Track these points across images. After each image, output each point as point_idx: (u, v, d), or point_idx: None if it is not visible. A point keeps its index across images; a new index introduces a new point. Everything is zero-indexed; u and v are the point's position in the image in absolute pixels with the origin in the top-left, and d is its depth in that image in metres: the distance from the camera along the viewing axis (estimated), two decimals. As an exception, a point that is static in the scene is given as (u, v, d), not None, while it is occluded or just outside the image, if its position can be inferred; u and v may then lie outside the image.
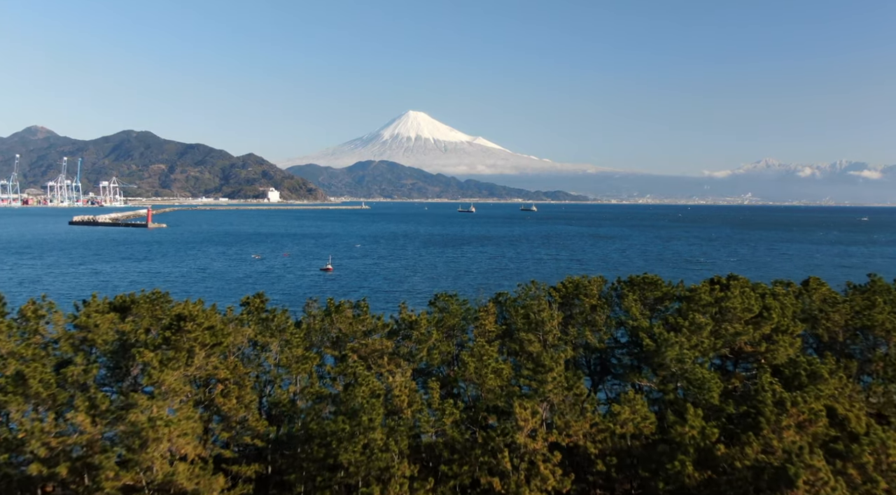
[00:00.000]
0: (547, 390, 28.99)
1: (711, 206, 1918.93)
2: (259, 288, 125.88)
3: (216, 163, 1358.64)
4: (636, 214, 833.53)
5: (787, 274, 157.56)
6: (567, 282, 38.36)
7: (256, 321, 32.95)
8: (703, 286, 37.36)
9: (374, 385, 28.22)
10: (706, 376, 30.69)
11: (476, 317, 36.25)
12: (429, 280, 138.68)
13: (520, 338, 34.34)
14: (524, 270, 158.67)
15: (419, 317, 34.16)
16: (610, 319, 36.89)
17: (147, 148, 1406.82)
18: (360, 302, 36.00)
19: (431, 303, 37.05)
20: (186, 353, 27.76)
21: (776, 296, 37.54)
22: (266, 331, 31.79)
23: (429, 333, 33.45)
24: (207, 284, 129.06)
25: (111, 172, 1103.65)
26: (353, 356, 31.92)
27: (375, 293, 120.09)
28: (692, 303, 36.35)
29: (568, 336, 35.69)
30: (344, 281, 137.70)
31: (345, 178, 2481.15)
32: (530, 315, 35.58)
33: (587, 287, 37.75)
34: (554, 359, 29.76)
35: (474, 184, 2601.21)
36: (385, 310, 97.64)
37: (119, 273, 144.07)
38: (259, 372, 31.25)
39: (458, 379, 32.00)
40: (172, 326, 28.48)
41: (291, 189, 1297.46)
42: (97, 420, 25.36)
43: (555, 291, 38.00)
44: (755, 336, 34.32)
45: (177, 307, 31.34)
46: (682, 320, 34.05)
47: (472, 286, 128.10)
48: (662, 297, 37.97)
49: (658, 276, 38.49)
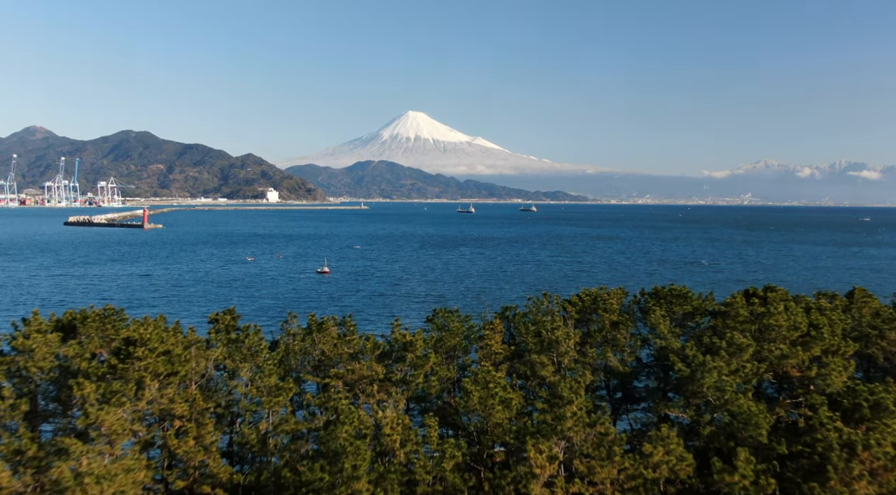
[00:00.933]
0: (566, 427, 24.32)
1: (711, 207, 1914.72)
2: (251, 291, 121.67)
3: (215, 163, 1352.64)
4: (636, 215, 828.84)
5: (794, 276, 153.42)
6: (584, 294, 33.68)
7: (225, 342, 28.24)
8: (738, 299, 32.67)
9: (360, 421, 23.58)
10: (752, 409, 26.03)
11: (480, 336, 31.52)
12: (427, 283, 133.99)
13: (531, 361, 29.77)
14: (525, 273, 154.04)
15: (414, 336, 29.44)
16: (634, 338, 32.22)
17: (146, 148, 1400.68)
18: (345, 318, 31.30)
19: (429, 320, 32.33)
20: (135, 385, 23.18)
21: (822, 310, 32.88)
22: (236, 353, 27.18)
23: (426, 356, 28.75)
24: (196, 288, 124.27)
25: (110, 172, 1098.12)
26: (338, 383, 27.38)
27: (371, 297, 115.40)
28: (728, 319, 31.72)
29: (586, 358, 31.06)
30: (340, 284, 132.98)
31: (344, 179, 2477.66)
32: (543, 333, 30.98)
33: (606, 300, 33.08)
34: (573, 390, 25.10)
35: (474, 184, 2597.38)
36: (379, 318, 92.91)
37: (105, 276, 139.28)
38: (226, 402, 26.68)
39: (461, 411, 27.39)
40: (120, 352, 23.87)
41: (290, 189, 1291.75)
42: (22, 469, 20.72)
43: (570, 305, 33.24)
44: (804, 358, 29.71)
45: (131, 326, 26.56)
46: (720, 340, 29.43)
47: (472, 290, 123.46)
48: (693, 312, 33.27)
49: (686, 288, 33.82)
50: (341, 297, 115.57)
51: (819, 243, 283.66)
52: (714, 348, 29.31)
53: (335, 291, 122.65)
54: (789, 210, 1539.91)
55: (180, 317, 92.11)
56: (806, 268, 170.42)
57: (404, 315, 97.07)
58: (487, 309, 34.21)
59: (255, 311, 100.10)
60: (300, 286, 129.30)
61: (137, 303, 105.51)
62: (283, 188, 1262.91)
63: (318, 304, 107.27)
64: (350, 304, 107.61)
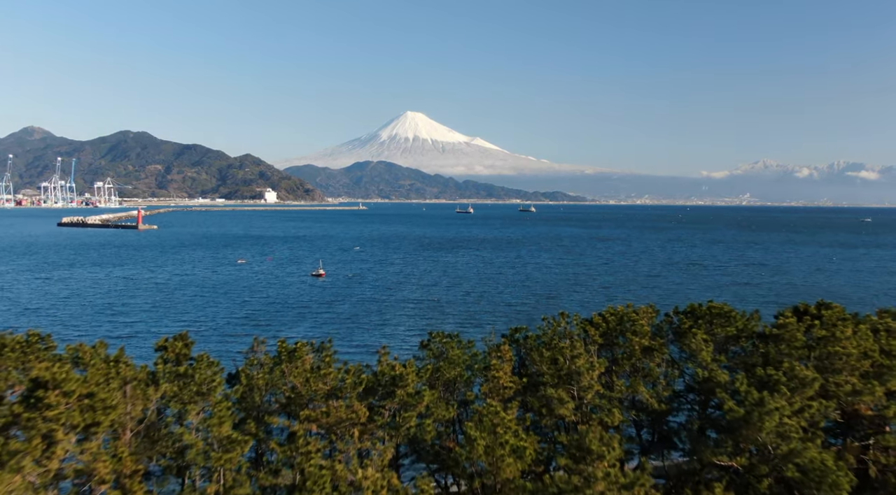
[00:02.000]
0: (596, 492, 19.05)
1: (711, 207, 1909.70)
2: (240, 296, 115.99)
3: (213, 163, 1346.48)
4: (635, 215, 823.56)
5: (805, 279, 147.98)
6: (608, 314, 28.34)
7: (171, 377, 22.90)
8: (792, 321, 27.44)
9: (333, 485, 18.29)
10: (828, 463, 20.75)
11: (486, 366, 26.07)
12: (424, 288, 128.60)
13: (547, 396, 24.55)
14: (525, 276, 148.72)
15: (406, 367, 24.08)
16: (670, 367, 26.93)
17: (144, 148, 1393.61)
18: (324, 343, 25.99)
19: (424, 346, 26.94)
20: (43, 441, 17.95)
21: (893, 333, 27.67)
22: (185, 391, 21.98)
23: (419, 393, 23.37)
24: (180, 293, 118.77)
25: (107, 173, 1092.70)
26: (311, 427, 22.16)
27: (365, 303, 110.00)
28: (781, 343, 26.47)
29: (613, 392, 25.83)
30: (334, 288, 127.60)
31: (342, 179, 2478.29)
32: (560, 360, 25.75)
33: (635, 321, 27.77)
34: (605, 441, 19.83)
35: (472, 184, 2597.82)
36: (373, 327, 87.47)
37: (90, 280, 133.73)
38: (175, 450, 21.45)
39: (462, 461, 22.13)
40: (27, 399, 18.63)
41: (289, 189, 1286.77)
42: None
43: (591, 327, 27.84)
44: (878, 393, 24.51)
45: (44, 363, 21.18)
46: (777, 373, 24.20)
47: (472, 295, 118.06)
48: (737, 335, 27.98)
49: (728, 306, 28.54)
50: (333, 302, 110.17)
51: (824, 244, 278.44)
52: (771, 382, 24.02)
53: (328, 296, 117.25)
54: (789, 210, 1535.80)
55: (155, 327, 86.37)
56: (816, 271, 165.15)
57: (399, 323, 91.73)
58: (493, 331, 28.82)
59: (241, 320, 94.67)
60: (292, 290, 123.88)
61: (113, 310, 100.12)
62: (281, 188, 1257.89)
63: (309, 311, 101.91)
64: (343, 310, 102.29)
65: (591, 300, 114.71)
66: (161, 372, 23.21)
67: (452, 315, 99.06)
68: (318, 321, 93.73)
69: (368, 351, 75.18)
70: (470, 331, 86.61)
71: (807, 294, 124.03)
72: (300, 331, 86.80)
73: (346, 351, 74.79)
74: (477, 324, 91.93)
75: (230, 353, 74.56)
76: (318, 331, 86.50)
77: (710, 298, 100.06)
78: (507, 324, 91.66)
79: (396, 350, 74.50)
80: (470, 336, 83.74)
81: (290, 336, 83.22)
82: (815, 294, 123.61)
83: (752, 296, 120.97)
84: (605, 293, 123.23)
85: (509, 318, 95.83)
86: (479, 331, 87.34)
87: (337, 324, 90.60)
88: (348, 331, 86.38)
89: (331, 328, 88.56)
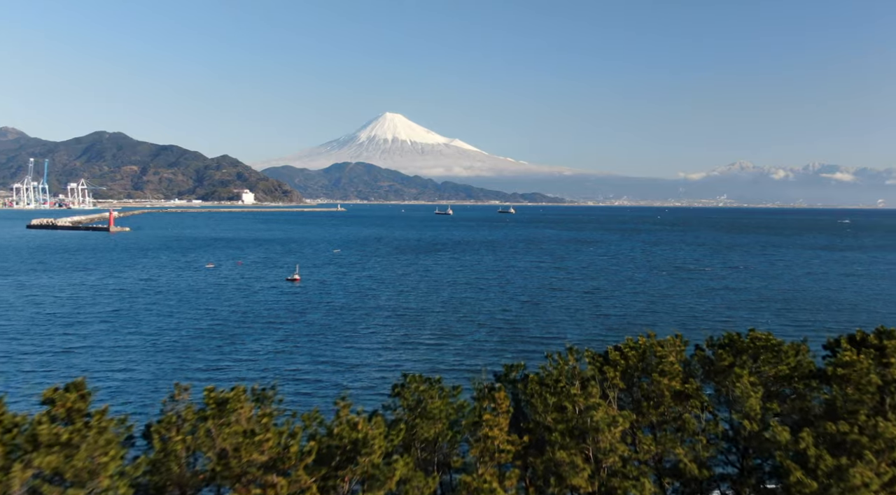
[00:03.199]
0: None
1: (688, 209, 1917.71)
2: (205, 303, 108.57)
3: (190, 164, 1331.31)
4: (615, 217, 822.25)
5: (794, 284, 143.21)
6: (628, 348, 22.50)
7: (53, 442, 16.94)
8: (858, 358, 21.93)
9: None
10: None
11: (475, 422, 20.10)
12: (402, 294, 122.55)
13: (554, 461, 18.92)
14: (507, 282, 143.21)
15: (372, 425, 18.22)
16: (707, 422, 21.24)
17: (119, 149, 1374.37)
18: (265, 390, 19.95)
19: (396, 393, 20.84)
20: None
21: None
22: (66, 466, 16.12)
23: (389, 465, 17.48)
24: (142, 301, 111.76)
25: (82, 174, 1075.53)
26: (243, 511, 16.38)
27: (338, 311, 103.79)
28: (846, 384, 20.94)
29: (639, 453, 20.22)
30: (308, 294, 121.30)
31: (321, 180, 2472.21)
32: (570, 408, 20.11)
33: (663, 356, 22.07)
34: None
35: (451, 185, 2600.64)
36: (345, 339, 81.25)
37: (48, 286, 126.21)
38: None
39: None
40: None
41: (266, 191, 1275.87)
42: None
43: (609, 367, 21.97)
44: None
45: None
46: (853, 429, 18.71)
47: (451, 303, 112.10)
48: (790, 375, 22.37)
49: (772, 336, 22.99)
50: (305, 311, 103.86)
51: (807, 247, 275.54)
52: (846, 442, 18.46)
53: (300, 303, 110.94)
54: (766, 212, 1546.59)
55: (109, 340, 78.70)
56: (805, 276, 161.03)
57: (374, 334, 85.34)
58: (484, 371, 23.00)
59: (204, 330, 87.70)
60: (263, 297, 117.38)
61: (68, 320, 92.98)
62: (258, 190, 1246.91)
63: (279, 320, 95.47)
64: (314, 320, 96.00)
65: (574, 306, 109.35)
66: (44, 436, 17.18)
67: (431, 325, 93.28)
68: (287, 333, 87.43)
69: (339, 368, 69.07)
70: (450, 344, 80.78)
71: (801, 299, 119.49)
72: (266, 343, 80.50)
73: (314, 369, 68.69)
74: (456, 335, 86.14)
75: (189, 370, 68.27)
76: (285, 344, 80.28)
77: (704, 308, 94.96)
78: (488, 335, 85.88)
79: (369, 370, 68.32)
80: (450, 348, 77.90)
81: (255, 349, 77.00)
82: (808, 300, 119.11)
83: (744, 301, 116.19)
84: (589, 299, 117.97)
85: (491, 329, 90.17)
86: (459, 342, 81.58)
87: (306, 337, 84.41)
88: (317, 345, 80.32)
89: (300, 340, 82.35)
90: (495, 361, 72.09)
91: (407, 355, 75.19)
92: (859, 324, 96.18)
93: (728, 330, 25.94)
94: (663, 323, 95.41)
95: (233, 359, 71.88)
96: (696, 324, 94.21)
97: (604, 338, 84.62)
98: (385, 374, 66.90)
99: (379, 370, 69.03)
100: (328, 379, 65.06)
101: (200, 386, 20.43)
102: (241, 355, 73.93)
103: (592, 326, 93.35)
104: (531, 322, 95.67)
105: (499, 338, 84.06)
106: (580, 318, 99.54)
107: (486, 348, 78.58)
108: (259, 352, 76.06)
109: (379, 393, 59.77)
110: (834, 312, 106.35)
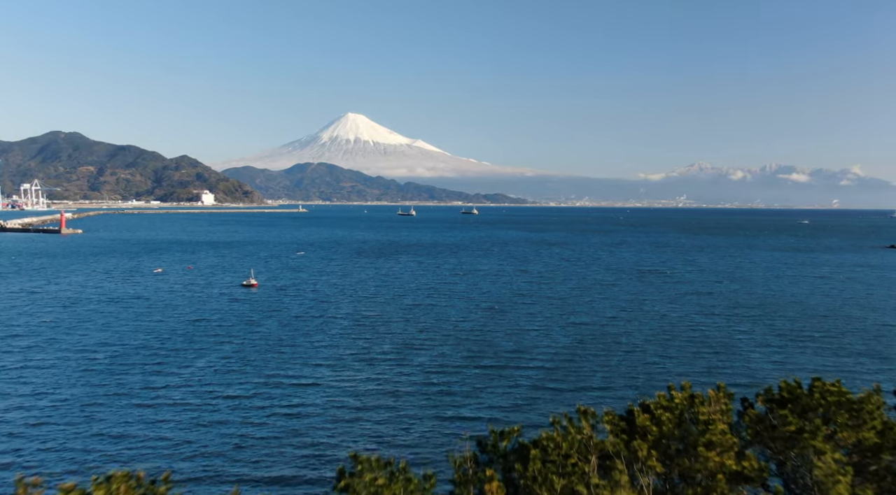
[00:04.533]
0: None
1: (649, 209, 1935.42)
2: (148, 313, 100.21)
3: (148, 164, 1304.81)
4: (577, 218, 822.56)
5: (768, 287, 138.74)
6: (659, 409, 16.42)
7: None
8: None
9: None
10: None
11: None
12: (361, 301, 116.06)
13: None
14: (472, 286, 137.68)
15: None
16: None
17: (76, 149, 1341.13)
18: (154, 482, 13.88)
19: (342, 488, 14.41)
20: None
21: None
22: None
23: None
24: (77, 310, 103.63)
25: (37, 174, 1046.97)
26: None
27: (295, 321, 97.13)
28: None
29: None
30: (264, 302, 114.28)
31: (283, 181, 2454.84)
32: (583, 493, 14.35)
33: (709, 422, 16.20)
34: None
35: (414, 186, 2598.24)
36: (302, 351, 74.73)
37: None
38: None
39: None
40: None
41: (227, 192, 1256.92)
42: None
43: (640, 441, 15.84)
44: None
45: None
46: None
47: (415, 310, 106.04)
48: (880, 444, 16.62)
49: (841, 385, 17.48)
50: (260, 321, 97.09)
51: (772, 248, 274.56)
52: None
53: (254, 312, 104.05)
54: (726, 212, 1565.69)
55: (39, 355, 69.71)
56: (775, 278, 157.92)
57: (332, 348, 78.73)
58: (466, 437, 16.93)
59: (145, 343, 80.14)
60: (215, 305, 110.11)
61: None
62: (219, 190, 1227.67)
63: (229, 332, 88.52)
64: (268, 332, 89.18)
65: (543, 313, 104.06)
66: None
67: (393, 336, 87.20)
68: (235, 347, 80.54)
69: (287, 393, 62.53)
70: (414, 359, 74.67)
71: (775, 304, 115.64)
72: (212, 359, 73.65)
73: (261, 393, 62.08)
74: (421, 348, 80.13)
75: (131, 391, 61.38)
76: (231, 362, 73.51)
77: (697, 320, 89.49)
78: (454, 349, 79.77)
79: (322, 395, 61.29)
80: (414, 365, 71.62)
81: (199, 366, 70.18)
82: (782, 304, 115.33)
83: (718, 307, 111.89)
84: (558, 305, 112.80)
85: (457, 340, 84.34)
86: (424, 357, 75.54)
87: (256, 353, 77.62)
88: (268, 363, 73.72)
89: (249, 355, 75.71)
90: (467, 383, 66.27)
91: (366, 373, 69.00)
92: (842, 332, 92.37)
93: (706, 339, 20.16)
94: (638, 333, 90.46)
95: (171, 383, 64.81)
96: (672, 334, 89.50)
97: (576, 349, 79.39)
98: (342, 399, 60.74)
99: (335, 393, 62.78)
100: (273, 408, 58.62)
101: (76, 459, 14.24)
102: (181, 377, 66.74)
103: (563, 336, 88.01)
104: (499, 332, 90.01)
105: (466, 352, 78.15)
106: (549, 326, 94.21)
107: (453, 364, 72.68)
108: (204, 369, 69.24)
109: (328, 431, 53.66)
110: (811, 319, 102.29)
